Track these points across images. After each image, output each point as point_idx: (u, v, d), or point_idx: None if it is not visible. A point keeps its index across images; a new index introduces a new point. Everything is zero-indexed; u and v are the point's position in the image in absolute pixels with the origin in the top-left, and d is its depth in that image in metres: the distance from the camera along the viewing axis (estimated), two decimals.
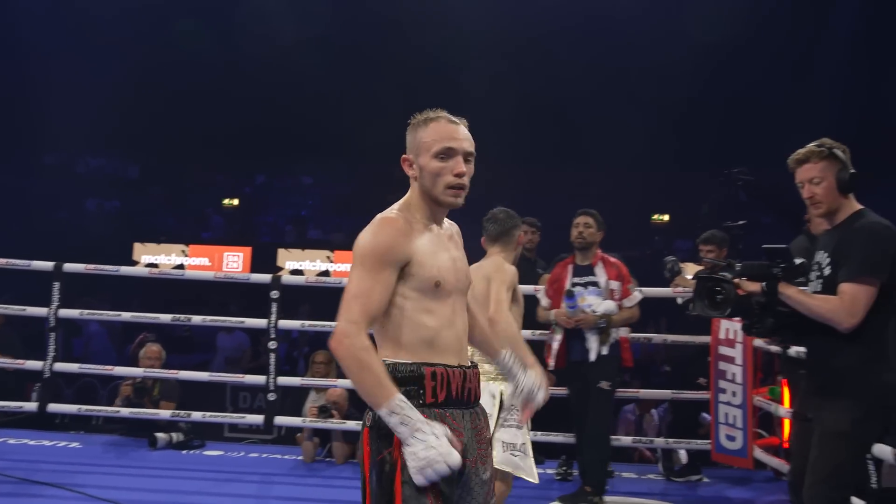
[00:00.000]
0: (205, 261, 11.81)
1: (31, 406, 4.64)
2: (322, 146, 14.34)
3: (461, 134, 1.82)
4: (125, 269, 4.90)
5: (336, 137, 14.08)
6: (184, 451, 4.69)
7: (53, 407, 4.69)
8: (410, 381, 1.75)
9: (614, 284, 4.08)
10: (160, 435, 4.69)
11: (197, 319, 4.75)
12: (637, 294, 4.17)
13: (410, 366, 1.75)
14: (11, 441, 4.70)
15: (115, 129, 13.54)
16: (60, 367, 4.68)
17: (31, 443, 4.71)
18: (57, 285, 4.60)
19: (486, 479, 1.82)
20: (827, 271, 2.47)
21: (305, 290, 5.94)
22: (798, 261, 2.57)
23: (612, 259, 4.19)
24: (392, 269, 1.74)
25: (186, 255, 11.90)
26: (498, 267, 3.28)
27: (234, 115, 14.18)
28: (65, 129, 13.11)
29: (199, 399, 5.84)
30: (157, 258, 11.89)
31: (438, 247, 1.82)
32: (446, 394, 1.76)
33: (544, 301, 4.22)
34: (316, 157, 14.62)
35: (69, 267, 4.63)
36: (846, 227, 2.46)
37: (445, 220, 1.91)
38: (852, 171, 2.46)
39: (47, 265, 4.62)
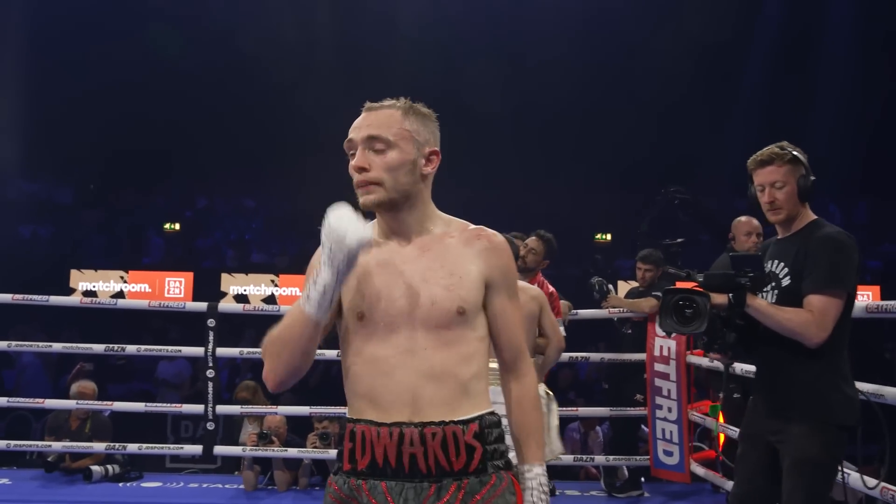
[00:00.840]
0: (145, 287, 11.52)
1: None
2: (264, 168, 14.23)
3: (365, 120, 1.49)
4: (55, 299, 4.76)
5: (278, 158, 14.01)
6: (120, 484, 4.56)
7: None
8: (341, 441, 1.51)
9: None
10: (95, 468, 4.55)
11: (132, 349, 4.65)
12: (560, 329, 4.19)
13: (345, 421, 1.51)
14: None
15: (47, 152, 13.21)
16: None
17: None
18: None
19: None
20: (785, 282, 2.34)
21: (248, 314, 5.88)
22: (767, 269, 2.40)
23: (550, 288, 4.23)
24: None
25: (126, 282, 11.60)
26: (539, 291, 3.54)
27: (173, 136, 13.99)
28: None
29: (139, 428, 5.71)
30: (96, 285, 11.55)
31: (379, 266, 1.48)
32: (369, 460, 1.42)
33: None
34: (258, 179, 14.49)
35: None
36: (805, 237, 2.33)
37: (443, 226, 1.55)
38: (813, 177, 2.35)
39: None
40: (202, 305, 4.58)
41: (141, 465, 4.89)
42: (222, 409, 4.58)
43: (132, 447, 4.44)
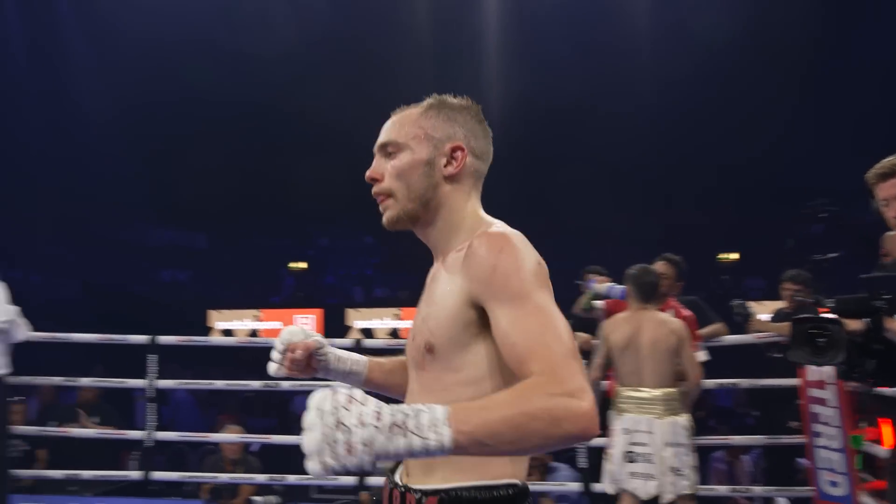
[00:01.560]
0: (278, 324, 12.10)
1: (136, 474, 4.85)
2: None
3: (384, 127, 1.34)
4: (214, 340, 5.12)
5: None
6: None
7: (157, 475, 4.88)
8: None
9: None
10: (257, 499, 4.81)
11: (286, 385, 4.89)
12: (702, 354, 4.09)
13: None
14: None
15: (182, 200, 14.17)
16: (160, 435, 4.88)
17: None
18: (153, 357, 4.83)
19: None
20: None
21: (383, 349, 6.08)
22: None
23: (685, 312, 4.14)
24: None
25: (259, 320, 12.22)
26: (680, 325, 3.64)
27: (293, 178, 14.66)
28: (134, 203, 13.77)
29: (283, 461, 5.98)
30: (232, 324, 12.23)
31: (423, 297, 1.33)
32: None
33: None
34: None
35: (163, 339, 4.86)
36: None
37: (466, 238, 1.26)
38: None
39: (143, 339, 4.85)
40: (346, 342, 4.78)
41: (293, 496, 5.10)
42: None
43: (291, 478, 4.65)
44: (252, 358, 9.97)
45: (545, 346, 1.07)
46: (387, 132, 1.31)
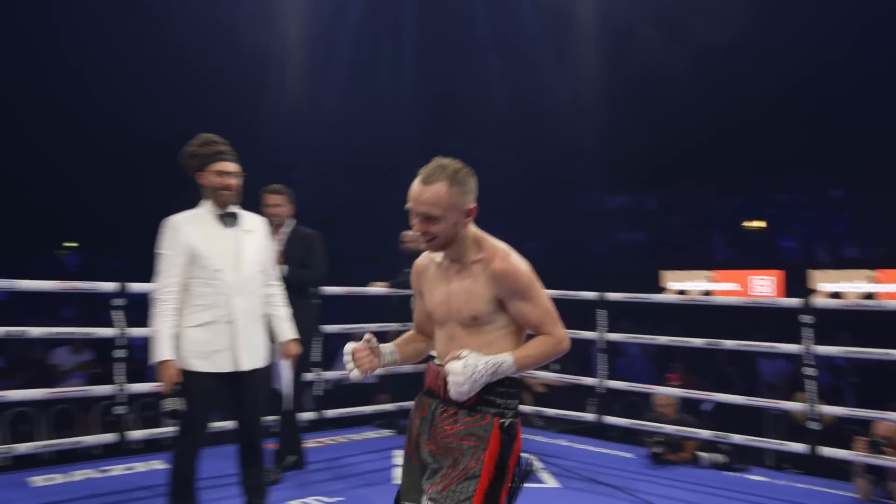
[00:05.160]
0: (733, 286, 11.78)
1: (590, 417, 5.37)
2: (855, 154, 13.04)
3: (420, 196, 2.03)
4: (656, 297, 5.28)
5: (873, 142, 12.67)
6: (726, 473, 4.78)
7: (608, 419, 5.32)
8: None
9: None
10: (702, 454, 4.88)
11: (729, 344, 4.83)
12: None
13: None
14: (576, 446, 5.45)
15: (634, 166, 14.61)
16: (611, 384, 5.28)
17: (592, 449, 5.37)
18: (602, 312, 5.23)
19: (429, 462, 2.08)
20: None
21: (844, 314, 5.53)
22: None
23: None
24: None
25: (713, 281, 12.05)
26: None
27: (744, 137, 13.95)
28: (593, 173, 14.69)
29: (737, 423, 5.89)
30: (684, 284, 12.31)
31: (441, 281, 2.15)
32: (427, 384, 2.17)
33: None
34: (847, 167, 13.35)
35: (611, 296, 5.23)
36: None
37: (475, 253, 2.09)
38: None
39: (592, 295, 5.28)
40: (795, 301, 4.51)
41: (742, 458, 5.01)
42: (828, 409, 4.42)
43: (737, 437, 4.61)
44: (703, 318, 9.97)
45: (547, 318, 2.08)
46: (425, 206, 2.02)
